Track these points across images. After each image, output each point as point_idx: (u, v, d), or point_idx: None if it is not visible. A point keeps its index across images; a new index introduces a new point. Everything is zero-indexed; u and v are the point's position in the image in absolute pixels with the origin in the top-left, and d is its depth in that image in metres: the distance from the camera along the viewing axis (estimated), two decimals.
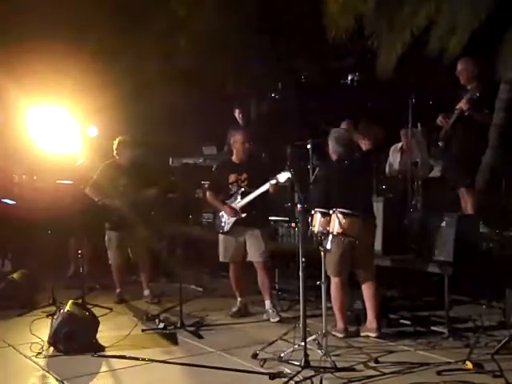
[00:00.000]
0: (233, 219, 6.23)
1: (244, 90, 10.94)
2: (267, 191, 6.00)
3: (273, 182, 5.91)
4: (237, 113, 9.39)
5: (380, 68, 8.10)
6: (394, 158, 8.02)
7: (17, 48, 9.08)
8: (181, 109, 10.67)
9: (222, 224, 6.32)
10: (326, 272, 5.13)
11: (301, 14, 9.80)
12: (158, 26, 10.29)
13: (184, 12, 10.14)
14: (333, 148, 5.65)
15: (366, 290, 5.53)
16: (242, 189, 6.21)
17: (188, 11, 10.17)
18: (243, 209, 6.17)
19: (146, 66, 10.38)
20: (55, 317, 5.42)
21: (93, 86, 9.27)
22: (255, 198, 6.10)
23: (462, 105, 6.13)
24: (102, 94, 9.36)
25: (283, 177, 5.83)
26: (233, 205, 6.25)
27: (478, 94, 6.04)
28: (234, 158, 6.40)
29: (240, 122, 9.32)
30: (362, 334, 5.51)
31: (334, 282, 5.49)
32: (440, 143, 6.59)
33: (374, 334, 5.45)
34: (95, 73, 9.37)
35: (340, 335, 5.46)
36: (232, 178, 6.30)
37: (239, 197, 6.21)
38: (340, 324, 5.53)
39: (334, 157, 5.68)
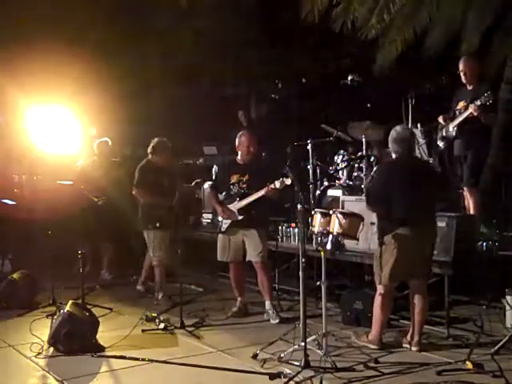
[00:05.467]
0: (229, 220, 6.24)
1: (244, 90, 10.96)
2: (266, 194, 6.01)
3: (271, 186, 5.91)
4: (240, 114, 9.42)
5: (379, 63, 8.08)
6: None
7: (17, 48, 9.08)
8: (181, 109, 10.68)
9: (220, 223, 6.34)
10: (326, 272, 5.08)
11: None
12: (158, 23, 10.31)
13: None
14: (391, 147, 5.20)
15: (416, 302, 5.19)
16: (242, 190, 6.21)
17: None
18: (241, 210, 6.18)
19: (146, 65, 10.39)
20: (55, 317, 5.42)
21: (93, 86, 9.28)
22: (253, 200, 6.11)
23: (473, 111, 6.01)
24: (102, 94, 9.37)
25: (282, 183, 5.82)
26: (231, 206, 6.26)
27: (491, 101, 5.90)
28: (238, 158, 6.41)
29: (243, 123, 9.36)
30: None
31: (381, 289, 5.14)
32: (441, 144, 6.57)
33: (415, 348, 5.13)
34: (96, 72, 9.37)
35: (373, 346, 5.16)
36: (234, 178, 6.30)
37: (238, 198, 6.21)
38: (375, 334, 5.19)
39: (392, 156, 5.25)
